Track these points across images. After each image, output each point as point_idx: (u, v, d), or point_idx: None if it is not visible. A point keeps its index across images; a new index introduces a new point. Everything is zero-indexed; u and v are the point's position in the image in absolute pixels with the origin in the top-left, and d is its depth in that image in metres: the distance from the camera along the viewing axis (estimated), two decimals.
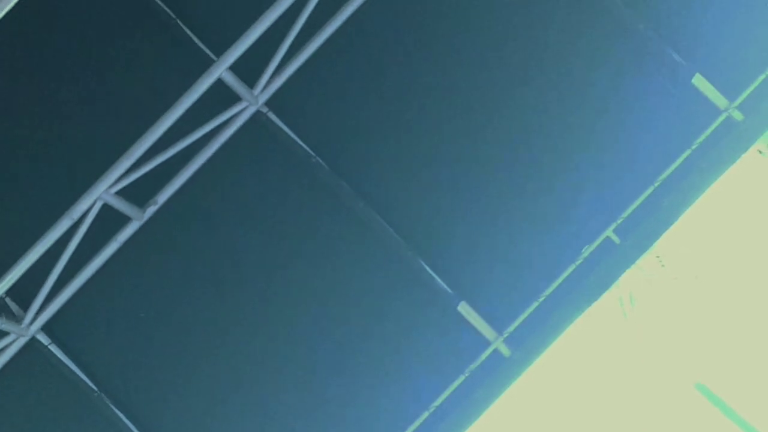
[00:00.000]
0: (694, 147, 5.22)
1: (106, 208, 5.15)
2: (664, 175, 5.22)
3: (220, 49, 5.12)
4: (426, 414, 5.23)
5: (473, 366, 5.22)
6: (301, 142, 5.42)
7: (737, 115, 5.22)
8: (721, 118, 5.22)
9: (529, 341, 5.24)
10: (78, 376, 5.38)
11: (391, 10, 5.42)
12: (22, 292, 5.28)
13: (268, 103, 5.43)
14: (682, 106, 5.24)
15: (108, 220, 5.26)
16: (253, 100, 5.35)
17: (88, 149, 5.48)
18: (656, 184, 5.23)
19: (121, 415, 5.36)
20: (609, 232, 5.23)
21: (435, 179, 5.37)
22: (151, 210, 5.40)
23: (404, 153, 5.39)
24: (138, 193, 5.29)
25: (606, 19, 5.28)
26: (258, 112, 5.43)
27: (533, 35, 5.35)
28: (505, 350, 5.23)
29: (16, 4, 3.71)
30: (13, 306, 5.38)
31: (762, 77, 5.20)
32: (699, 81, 5.23)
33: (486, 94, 5.36)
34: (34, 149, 5.57)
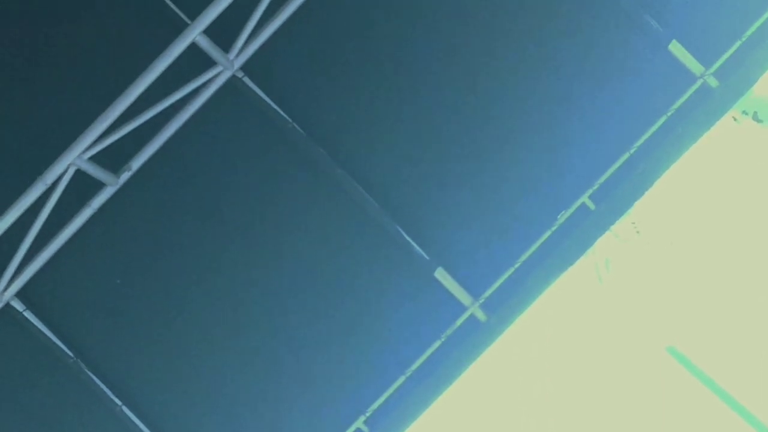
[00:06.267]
0: (669, 113, 5.25)
1: (79, 174, 5.10)
2: (639, 142, 5.25)
3: (194, 13, 5.05)
4: (403, 378, 5.28)
5: (449, 331, 5.26)
6: (277, 108, 5.38)
7: (712, 82, 5.25)
8: (696, 85, 5.24)
9: (505, 306, 5.29)
10: (53, 342, 5.37)
11: None
12: None
13: (243, 68, 5.38)
14: (659, 73, 5.25)
15: (82, 186, 5.22)
16: (228, 65, 5.30)
17: (62, 114, 5.41)
18: (632, 151, 5.26)
19: (97, 380, 5.36)
20: (585, 198, 5.27)
21: (412, 146, 5.36)
22: (125, 176, 5.36)
23: (381, 119, 5.37)
24: (112, 158, 5.24)
25: None
26: (233, 77, 5.37)
27: (509, 4, 5.32)
28: (481, 315, 5.28)
29: None
30: None
31: (737, 44, 5.22)
32: (675, 47, 5.25)
33: (463, 62, 5.34)
34: (6, 114, 5.49)
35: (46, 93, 5.49)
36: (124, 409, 5.35)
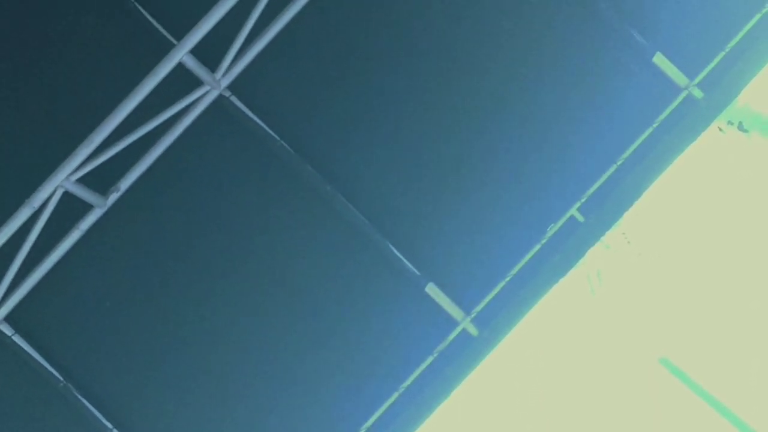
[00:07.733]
0: (655, 125, 5.28)
1: (67, 196, 5.08)
2: (626, 153, 5.28)
3: (181, 33, 5.06)
4: (396, 395, 5.27)
5: (442, 346, 5.26)
6: (264, 126, 5.39)
7: (697, 93, 5.29)
8: (681, 96, 5.28)
9: (497, 321, 5.29)
10: (43, 366, 5.33)
11: None
12: None
13: (230, 87, 5.38)
14: (644, 85, 5.29)
15: (70, 209, 5.20)
16: (215, 84, 5.30)
17: (48, 136, 5.40)
18: (619, 162, 5.29)
19: (87, 404, 5.32)
20: (573, 211, 5.29)
21: (401, 161, 5.37)
22: (113, 197, 5.35)
23: (369, 135, 5.39)
24: (100, 180, 5.23)
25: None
26: (220, 96, 5.38)
27: (496, 18, 5.35)
28: (473, 330, 5.28)
29: None
30: None
31: (721, 55, 5.27)
32: (660, 60, 5.28)
33: (449, 76, 5.37)
34: None
35: (32, 115, 5.48)
36: None
